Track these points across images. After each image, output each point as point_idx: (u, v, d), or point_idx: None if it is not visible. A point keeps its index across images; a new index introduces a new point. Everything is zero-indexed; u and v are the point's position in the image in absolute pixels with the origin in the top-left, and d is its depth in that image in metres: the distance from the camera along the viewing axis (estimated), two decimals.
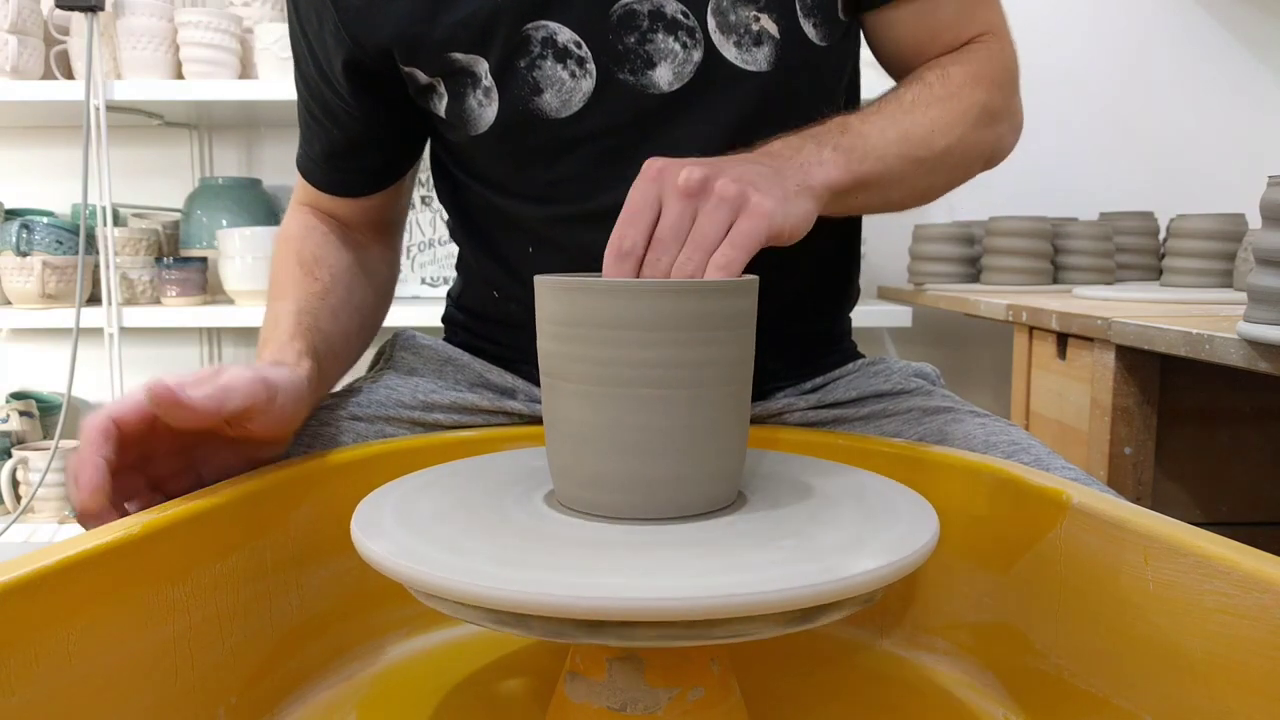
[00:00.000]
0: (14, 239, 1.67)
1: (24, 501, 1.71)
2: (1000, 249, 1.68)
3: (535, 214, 0.72)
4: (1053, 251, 1.70)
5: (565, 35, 0.65)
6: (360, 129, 0.74)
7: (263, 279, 1.70)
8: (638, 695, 0.42)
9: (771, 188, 0.52)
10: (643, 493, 0.44)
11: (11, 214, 1.83)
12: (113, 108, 1.65)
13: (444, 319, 0.87)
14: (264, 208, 1.87)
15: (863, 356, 0.83)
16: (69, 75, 1.73)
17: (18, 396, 1.93)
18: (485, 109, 0.68)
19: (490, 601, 0.36)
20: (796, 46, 0.67)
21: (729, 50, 0.66)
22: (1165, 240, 1.64)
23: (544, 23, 0.65)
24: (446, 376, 0.78)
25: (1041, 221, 1.68)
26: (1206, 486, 1.22)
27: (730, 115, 0.67)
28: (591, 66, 0.65)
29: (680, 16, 0.65)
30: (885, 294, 1.94)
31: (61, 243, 1.70)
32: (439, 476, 0.52)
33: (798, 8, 0.67)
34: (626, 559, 0.40)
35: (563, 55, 0.65)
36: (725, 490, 0.46)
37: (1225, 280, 1.41)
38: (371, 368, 0.85)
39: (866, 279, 1.90)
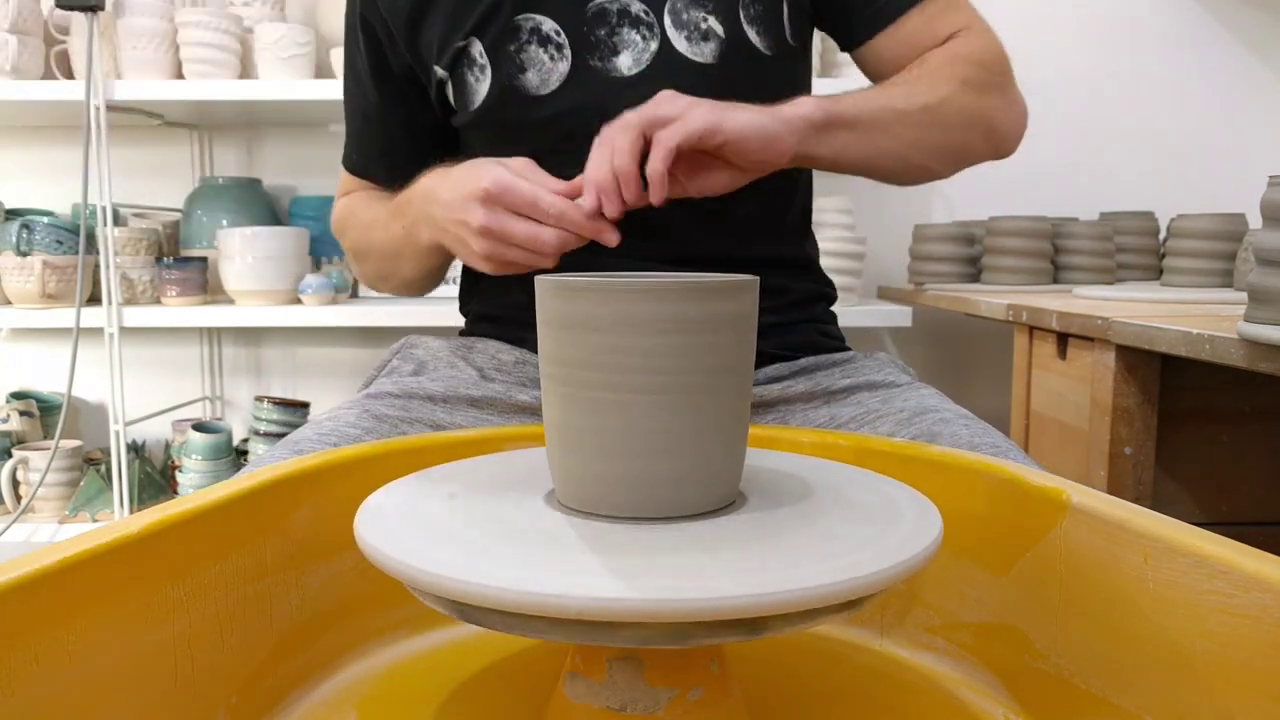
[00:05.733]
0: (14, 239, 1.67)
1: (24, 501, 1.71)
2: (1000, 249, 1.68)
3: None
4: (1053, 251, 1.70)
5: (548, 25, 0.79)
6: (416, 126, 0.88)
7: (263, 279, 1.71)
8: (638, 695, 0.42)
9: (721, 107, 0.62)
10: (643, 493, 0.44)
11: (11, 214, 1.83)
12: (113, 108, 1.65)
13: (461, 311, 0.94)
14: (264, 208, 1.87)
15: (852, 349, 0.86)
16: (69, 75, 1.73)
17: (18, 396, 1.93)
18: (480, 84, 0.81)
19: (492, 602, 0.36)
20: (739, 47, 0.79)
21: (681, 43, 0.79)
22: (1165, 240, 1.64)
23: (532, 15, 0.79)
24: (458, 370, 0.82)
25: (1041, 221, 1.68)
26: (1206, 486, 1.22)
27: None
28: (568, 52, 0.79)
29: (641, 14, 0.79)
30: (885, 294, 1.93)
31: (61, 243, 1.70)
32: (441, 476, 0.52)
33: (741, 15, 0.79)
34: (628, 559, 0.40)
35: (545, 41, 0.79)
36: (725, 490, 0.46)
37: (1225, 280, 1.41)
38: (379, 373, 0.86)
39: (867, 279, 1.90)
